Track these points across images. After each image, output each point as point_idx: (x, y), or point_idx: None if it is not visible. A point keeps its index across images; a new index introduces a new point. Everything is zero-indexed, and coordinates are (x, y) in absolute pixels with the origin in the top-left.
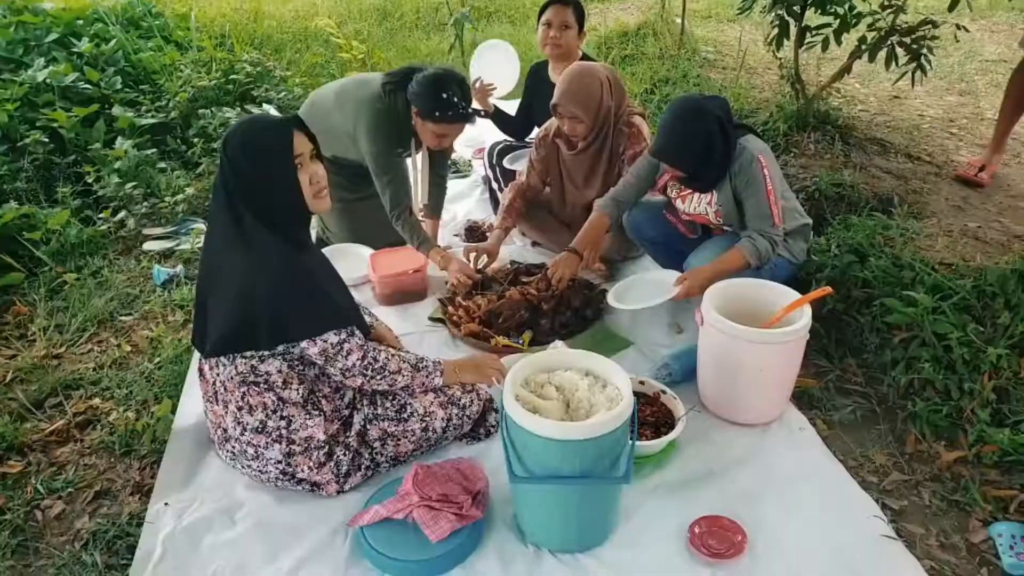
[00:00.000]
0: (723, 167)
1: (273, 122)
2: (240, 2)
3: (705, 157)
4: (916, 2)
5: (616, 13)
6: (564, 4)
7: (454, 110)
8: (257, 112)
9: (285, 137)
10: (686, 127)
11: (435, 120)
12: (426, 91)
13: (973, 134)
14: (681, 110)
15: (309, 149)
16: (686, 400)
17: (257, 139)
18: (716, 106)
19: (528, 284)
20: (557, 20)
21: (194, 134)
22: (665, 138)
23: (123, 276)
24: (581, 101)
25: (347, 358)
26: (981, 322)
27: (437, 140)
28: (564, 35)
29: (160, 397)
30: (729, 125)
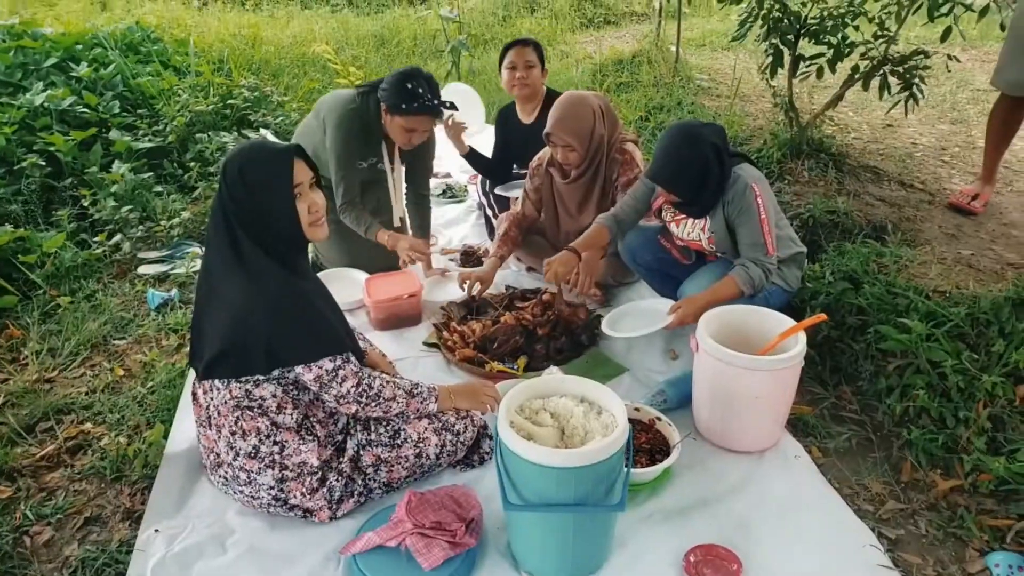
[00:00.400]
0: (717, 194)
1: (274, 151)
2: (238, 28)
3: (700, 183)
4: (908, 32)
5: (611, 41)
6: (524, 44)
7: (419, 101)
8: (256, 138)
9: (286, 167)
10: (682, 153)
11: (402, 113)
12: (392, 86)
13: (965, 162)
14: (678, 136)
15: (309, 178)
16: (681, 427)
17: (257, 168)
18: (712, 133)
19: (523, 309)
20: (521, 61)
21: (191, 158)
22: (661, 163)
23: (117, 300)
24: (574, 130)
25: (342, 385)
26: (975, 350)
27: (407, 136)
28: (530, 74)
29: (152, 422)
30: (725, 152)
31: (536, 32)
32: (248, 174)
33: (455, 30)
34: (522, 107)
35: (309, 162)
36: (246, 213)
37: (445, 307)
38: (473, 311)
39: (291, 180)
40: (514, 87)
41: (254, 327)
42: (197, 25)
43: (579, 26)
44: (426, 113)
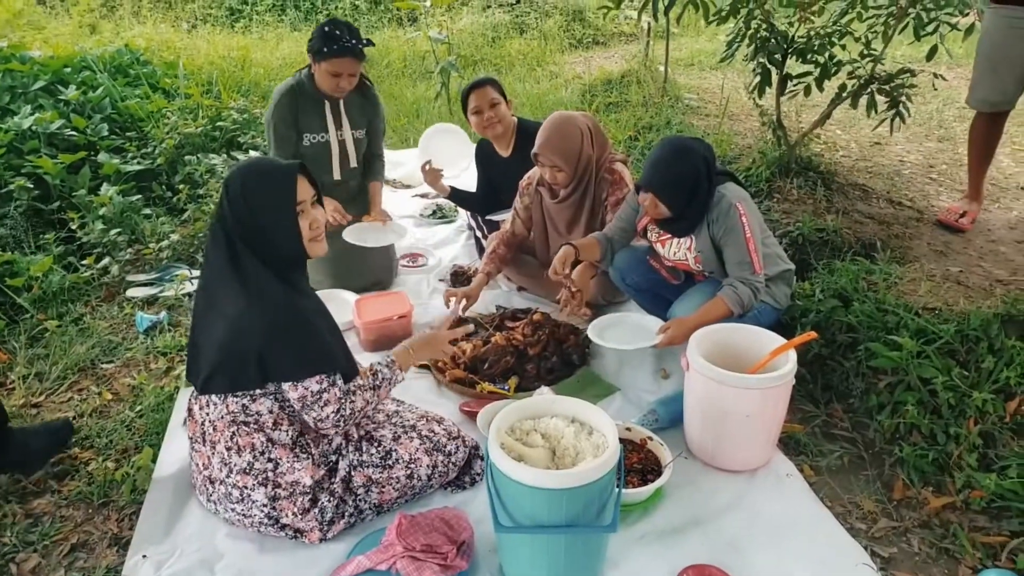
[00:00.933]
0: (702, 211)
1: (277, 168)
2: (228, 50)
3: (690, 194)
4: (895, 51)
5: (600, 61)
6: (482, 86)
7: (339, 43)
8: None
9: (289, 184)
10: (674, 162)
11: (325, 57)
12: (315, 35)
13: (953, 179)
14: (670, 147)
15: (311, 195)
16: (673, 446)
17: (260, 185)
18: (702, 147)
19: (514, 329)
20: (484, 103)
21: (180, 180)
22: (653, 171)
23: (105, 323)
24: (561, 150)
25: (323, 408)
26: (965, 367)
27: (334, 81)
28: (496, 112)
29: (141, 446)
30: (712, 168)
31: (525, 53)
32: (251, 191)
33: (444, 51)
34: (497, 143)
35: (311, 179)
36: (247, 229)
37: (435, 327)
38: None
39: (294, 198)
40: (485, 129)
41: (250, 340)
42: (186, 47)
43: (568, 47)
44: (347, 54)
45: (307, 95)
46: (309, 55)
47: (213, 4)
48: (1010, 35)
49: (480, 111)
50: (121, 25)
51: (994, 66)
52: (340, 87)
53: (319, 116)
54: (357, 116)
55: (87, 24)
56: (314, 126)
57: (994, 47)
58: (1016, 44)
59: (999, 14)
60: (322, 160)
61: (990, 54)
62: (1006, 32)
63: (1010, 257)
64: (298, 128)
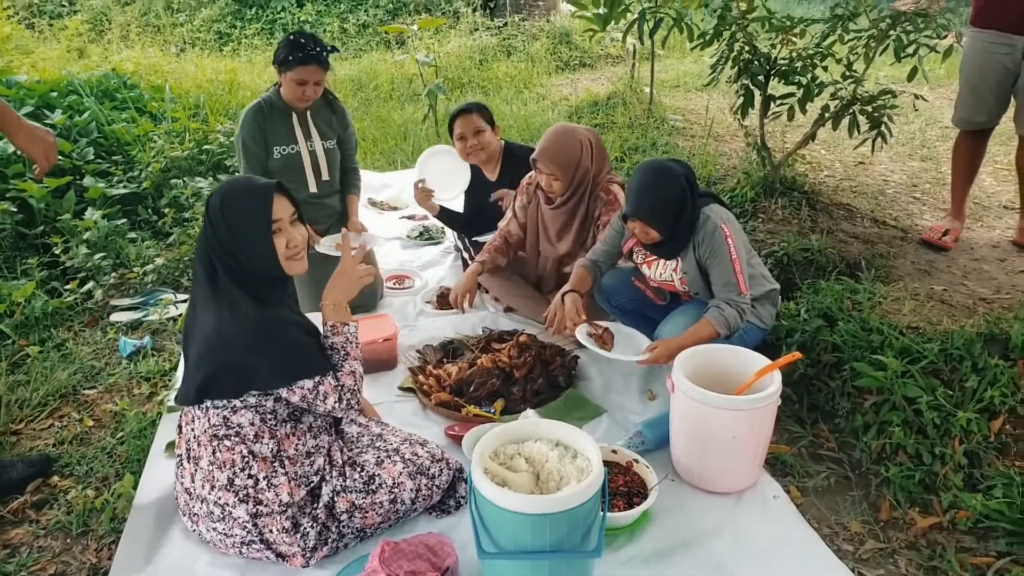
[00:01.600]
0: (688, 233)
1: (254, 186)
2: (216, 73)
3: (676, 217)
4: (877, 72)
5: (586, 83)
6: (467, 113)
7: (304, 51)
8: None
9: (264, 202)
10: (657, 189)
11: (290, 66)
12: (279, 46)
13: (936, 198)
14: (651, 171)
15: (289, 213)
16: (659, 468)
17: (237, 202)
18: (682, 168)
19: (500, 351)
20: (469, 130)
21: (166, 204)
22: (639, 198)
23: (88, 348)
24: (559, 160)
25: (325, 401)
26: (950, 386)
27: (300, 90)
28: (481, 139)
29: (122, 473)
30: (694, 189)
31: (513, 75)
32: (228, 209)
33: (432, 74)
34: (483, 168)
35: (290, 198)
36: (225, 247)
37: (421, 350)
38: (449, 354)
39: (269, 215)
40: (468, 155)
41: (225, 353)
42: (174, 71)
43: (555, 69)
44: (311, 62)
45: (275, 109)
46: (275, 66)
47: (202, 28)
48: (990, 58)
49: (464, 138)
50: (109, 49)
51: (975, 87)
52: (306, 95)
53: (287, 128)
54: (325, 127)
55: (75, 48)
56: (282, 138)
57: (974, 69)
58: (996, 66)
59: (979, 38)
60: (295, 173)
61: (971, 76)
62: (986, 55)
63: (993, 275)
64: (267, 142)
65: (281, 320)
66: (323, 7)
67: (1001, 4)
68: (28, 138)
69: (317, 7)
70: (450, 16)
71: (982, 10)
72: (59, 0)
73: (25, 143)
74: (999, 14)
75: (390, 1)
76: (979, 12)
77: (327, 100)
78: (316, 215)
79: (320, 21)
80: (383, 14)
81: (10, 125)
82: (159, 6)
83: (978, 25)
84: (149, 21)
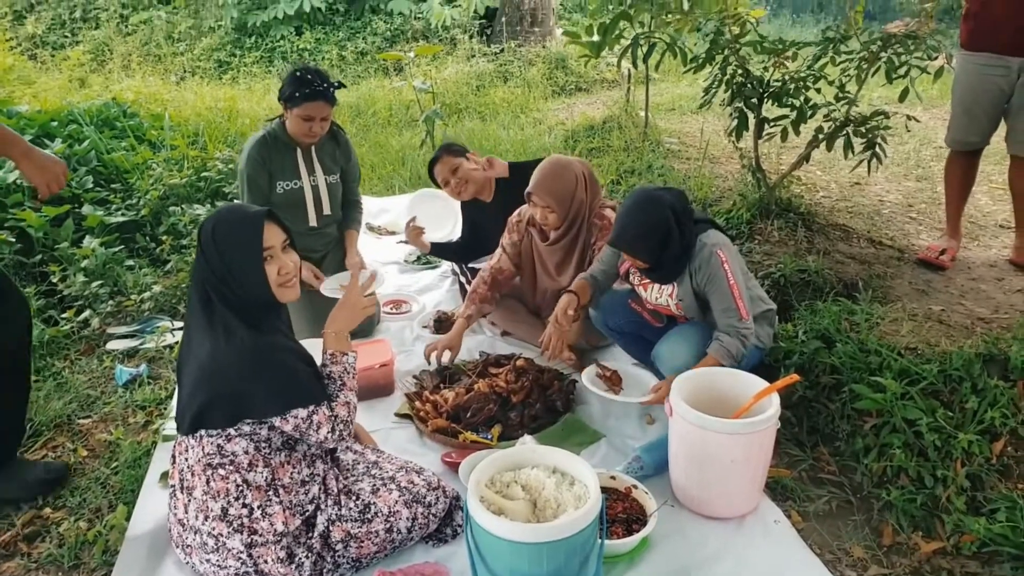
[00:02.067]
0: (682, 261)
1: (245, 214)
2: (215, 101)
3: (661, 248)
4: (871, 92)
5: (582, 107)
6: (440, 159)
7: (311, 87)
8: (234, 203)
9: (255, 230)
10: (641, 217)
11: (297, 102)
12: (285, 82)
13: (932, 218)
14: (638, 201)
15: (280, 240)
16: (658, 494)
17: (228, 230)
18: (672, 198)
19: (497, 375)
20: (447, 173)
21: (164, 231)
22: (622, 228)
23: (84, 377)
24: (555, 193)
25: (318, 431)
26: (950, 407)
27: (306, 126)
28: (460, 175)
29: (115, 504)
30: (684, 217)
31: (509, 100)
32: (219, 236)
33: (429, 100)
34: (478, 196)
35: (282, 225)
36: (217, 275)
37: (417, 376)
38: (446, 379)
39: (260, 243)
40: (459, 195)
41: (219, 381)
42: (174, 100)
43: (551, 94)
44: (318, 98)
45: (279, 143)
46: (281, 102)
47: (202, 57)
48: (982, 80)
49: (447, 182)
50: (111, 79)
51: (969, 108)
52: (312, 132)
53: (291, 163)
54: (329, 162)
55: (77, 78)
56: (286, 173)
57: (967, 91)
58: (991, 88)
59: (972, 60)
60: (297, 207)
61: (963, 98)
62: (978, 77)
63: (991, 295)
64: (271, 176)
65: (276, 347)
66: (321, 35)
67: (995, 26)
68: (33, 166)
69: (316, 35)
70: (447, 43)
71: (974, 33)
72: (62, 31)
73: (29, 170)
74: (993, 36)
75: (388, 29)
76: (971, 35)
77: (331, 132)
78: (313, 244)
79: (319, 49)
80: (381, 41)
81: (16, 151)
82: (160, 36)
83: (971, 48)
84: (150, 51)
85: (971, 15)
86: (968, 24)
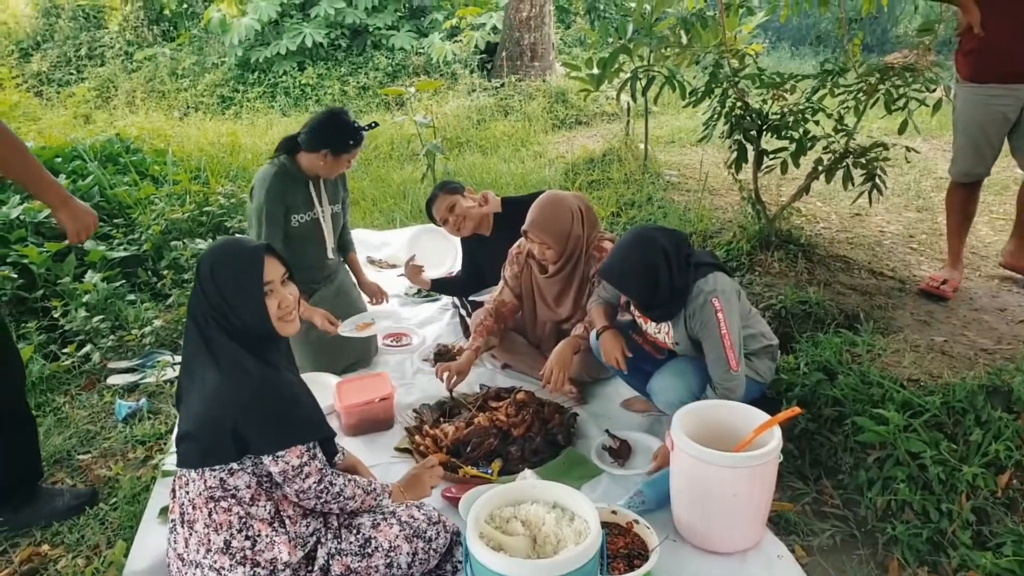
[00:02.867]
0: (676, 303)
1: (245, 249)
2: (218, 136)
3: (649, 288)
4: (870, 124)
5: (582, 140)
6: (436, 198)
7: (356, 136)
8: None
9: (256, 264)
10: (631, 255)
11: (347, 149)
12: (333, 130)
13: (933, 249)
14: (631, 239)
15: (280, 274)
16: (660, 529)
17: (228, 265)
18: (668, 240)
19: (497, 409)
20: (443, 212)
21: (165, 266)
22: (611, 263)
23: (84, 412)
24: (551, 230)
25: (304, 480)
26: (953, 439)
27: (344, 167)
28: (458, 212)
29: (113, 540)
30: (679, 261)
31: (510, 134)
32: (219, 272)
33: (430, 134)
34: (477, 231)
35: (280, 259)
36: (217, 309)
37: (417, 410)
38: (446, 413)
39: (260, 278)
40: (458, 231)
41: (224, 414)
42: (177, 135)
43: (551, 127)
44: (360, 143)
45: (292, 177)
46: (319, 148)
47: (205, 92)
48: (988, 111)
49: (445, 220)
50: (115, 115)
51: (974, 140)
52: (344, 169)
53: (305, 196)
54: (332, 192)
55: (82, 115)
56: (301, 206)
57: (971, 124)
58: (997, 118)
59: (977, 92)
60: (314, 238)
61: (968, 130)
62: (984, 108)
63: (993, 326)
64: (287, 209)
65: (280, 383)
66: (324, 70)
67: (999, 58)
68: (69, 214)
69: (318, 70)
70: (448, 78)
71: (976, 65)
72: (67, 68)
73: (64, 217)
74: (1000, 66)
75: (389, 64)
76: (975, 68)
77: None
78: (315, 276)
79: (321, 84)
80: (383, 76)
81: (55, 199)
82: (164, 72)
83: (975, 80)
84: (154, 87)
85: (972, 50)
86: (969, 58)
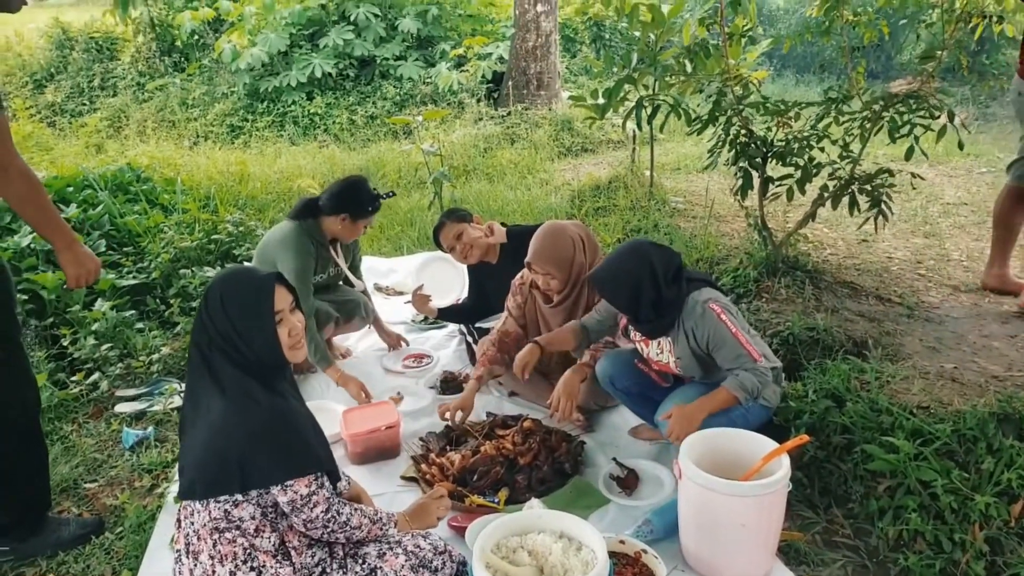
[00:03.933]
0: (666, 317)
1: (256, 278)
2: (227, 165)
3: (633, 297)
4: (876, 150)
5: (588, 167)
6: (442, 226)
7: (377, 202)
8: (240, 266)
9: (267, 294)
10: (617, 263)
11: (369, 215)
12: (356, 196)
13: (941, 275)
14: (623, 248)
15: (289, 303)
16: (668, 559)
17: (239, 295)
18: (659, 255)
19: (504, 437)
20: (450, 239)
21: (174, 293)
22: (599, 268)
23: (91, 440)
24: (553, 260)
25: (312, 510)
26: (965, 468)
27: (360, 231)
28: (465, 240)
29: (119, 570)
30: (668, 275)
31: (516, 162)
32: (229, 301)
33: (437, 162)
34: (484, 259)
35: (288, 287)
36: (226, 338)
37: (424, 438)
38: (452, 441)
39: (272, 306)
40: (465, 259)
41: (232, 444)
42: (187, 164)
43: (557, 155)
44: (379, 209)
45: (314, 240)
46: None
47: (215, 122)
48: None
49: (452, 248)
50: (126, 144)
51: None
52: (357, 235)
53: (325, 257)
54: (346, 255)
55: (94, 144)
56: (321, 267)
57: None
58: None
59: None
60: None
61: None
62: None
63: (1004, 352)
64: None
65: (287, 413)
66: (332, 100)
67: None
68: (72, 258)
69: (326, 100)
70: (455, 107)
71: None
72: (80, 99)
73: (67, 261)
74: None
75: (397, 93)
76: None
77: None
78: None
79: (329, 113)
80: (390, 106)
81: (61, 241)
82: (175, 102)
83: None
84: (165, 116)
85: None
86: None
